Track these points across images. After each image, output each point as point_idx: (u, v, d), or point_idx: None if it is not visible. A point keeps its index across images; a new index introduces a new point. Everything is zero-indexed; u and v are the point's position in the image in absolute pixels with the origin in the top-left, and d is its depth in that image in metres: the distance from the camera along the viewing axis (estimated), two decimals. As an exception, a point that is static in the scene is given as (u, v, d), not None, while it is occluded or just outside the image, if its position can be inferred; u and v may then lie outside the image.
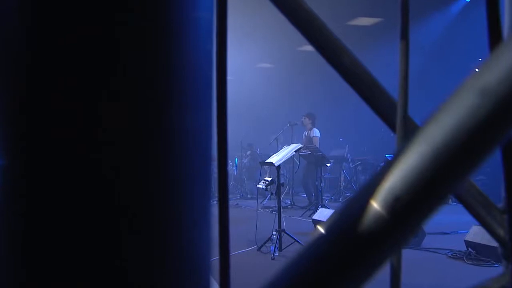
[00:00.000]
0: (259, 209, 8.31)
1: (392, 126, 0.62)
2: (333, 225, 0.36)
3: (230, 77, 0.55)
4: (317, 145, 8.78)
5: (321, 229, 0.37)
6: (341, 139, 11.89)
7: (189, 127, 0.42)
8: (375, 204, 0.34)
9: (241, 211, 8.71)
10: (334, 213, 0.39)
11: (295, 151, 5.62)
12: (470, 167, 0.30)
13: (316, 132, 9.14)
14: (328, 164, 9.11)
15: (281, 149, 6.24)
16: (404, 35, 0.57)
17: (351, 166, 10.94)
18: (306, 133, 9.34)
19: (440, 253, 4.90)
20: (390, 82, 0.79)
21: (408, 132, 0.55)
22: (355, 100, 0.71)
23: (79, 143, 0.36)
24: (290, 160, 9.47)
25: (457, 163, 0.31)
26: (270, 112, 14.03)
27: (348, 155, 11.01)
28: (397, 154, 0.34)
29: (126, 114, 0.37)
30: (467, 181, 0.57)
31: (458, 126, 0.30)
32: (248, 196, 11.37)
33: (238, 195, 11.44)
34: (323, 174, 9.02)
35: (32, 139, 0.36)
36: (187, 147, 0.42)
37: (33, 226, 0.35)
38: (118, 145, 0.37)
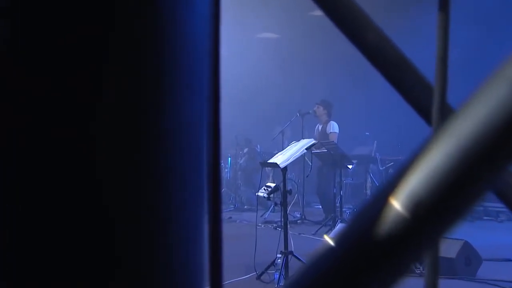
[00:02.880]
0: (259, 224, 8.33)
1: (427, 116, 0.65)
2: (345, 234, 0.39)
3: (223, 51, 0.58)
4: (335, 141, 8.80)
5: (329, 241, 0.40)
6: (367, 133, 11.91)
7: (183, 124, 0.50)
8: (396, 205, 0.37)
9: (236, 226, 8.75)
10: (347, 221, 0.42)
11: (306, 149, 5.63)
12: (502, 164, 0.33)
13: (333, 127, 9.12)
14: (350, 166, 9.12)
15: (288, 146, 6.26)
16: (444, 4, 0.59)
17: (381, 168, 10.93)
18: (320, 126, 9.35)
19: (502, 287, 4.88)
20: (427, 61, 0.81)
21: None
22: (385, 82, 0.73)
23: (73, 143, 0.43)
24: (300, 161, 9.50)
25: (487, 161, 0.34)
26: (274, 98, 14.05)
27: (377, 154, 11.00)
28: (422, 151, 0.37)
29: (118, 110, 0.44)
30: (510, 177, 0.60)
31: (488, 120, 0.33)
32: (245, 207, 11.42)
33: (232, 206, 11.49)
34: (343, 178, 9.03)
35: (29, 138, 0.43)
36: (179, 145, 0.50)
37: (26, 226, 0.43)
38: (111, 143, 0.44)
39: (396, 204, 0.38)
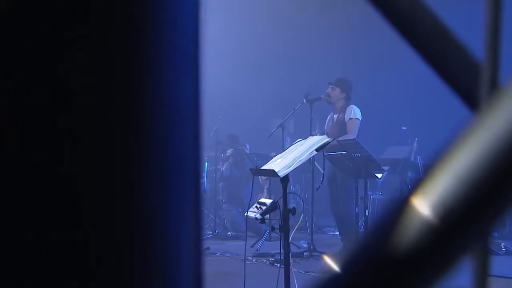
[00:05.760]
0: (249, 258, 8.27)
1: (471, 101, 0.70)
2: (355, 253, 0.45)
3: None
4: (354, 136, 8.66)
5: (332, 265, 0.46)
6: (404, 128, 11.88)
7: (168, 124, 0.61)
8: (424, 210, 0.43)
9: (216, 261, 8.77)
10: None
11: (316, 150, 5.61)
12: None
13: (354, 112, 8.92)
14: (379, 175, 9.07)
15: (290, 145, 6.28)
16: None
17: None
18: (336, 115, 9.25)
19: None
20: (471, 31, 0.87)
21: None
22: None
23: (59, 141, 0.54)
24: (306, 167, 9.50)
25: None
26: (270, 78, 14.04)
27: (418, 157, 10.99)
28: (457, 144, 0.43)
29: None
30: None
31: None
32: (229, 233, 11.42)
33: (210, 232, 11.50)
34: (369, 192, 8.98)
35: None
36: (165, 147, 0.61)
37: (10, 227, 0.54)
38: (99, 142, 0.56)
39: (423, 208, 0.44)
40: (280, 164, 5.45)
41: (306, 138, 6.04)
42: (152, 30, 0.58)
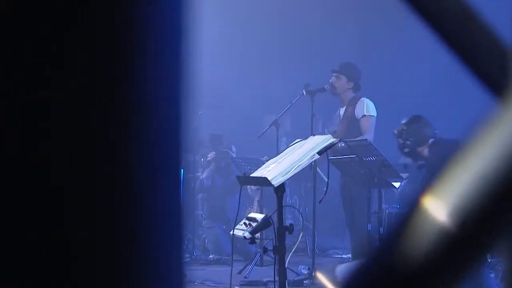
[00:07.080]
0: (236, 287, 8.23)
1: (499, 91, 0.75)
2: (362, 267, 0.50)
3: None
4: (371, 137, 8.60)
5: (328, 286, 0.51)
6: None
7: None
8: (440, 215, 0.48)
9: (195, 291, 8.77)
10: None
11: (319, 153, 5.59)
12: None
13: (367, 107, 8.88)
14: (397, 184, 9.05)
15: (286, 147, 6.28)
16: None
17: (450, 187, 10.90)
18: (343, 110, 9.17)
19: None
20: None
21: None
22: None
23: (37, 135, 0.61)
24: (306, 174, 9.51)
25: None
26: (262, 67, 14.04)
27: (443, 161, 10.98)
28: (477, 144, 0.48)
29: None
30: None
31: None
32: (210, 256, 11.39)
33: (188, 255, 11.46)
34: (384, 206, 8.95)
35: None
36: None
37: None
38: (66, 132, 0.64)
39: (440, 214, 0.48)
40: (274, 170, 5.44)
41: (306, 138, 6.00)
42: (140, 28, 0.68)
